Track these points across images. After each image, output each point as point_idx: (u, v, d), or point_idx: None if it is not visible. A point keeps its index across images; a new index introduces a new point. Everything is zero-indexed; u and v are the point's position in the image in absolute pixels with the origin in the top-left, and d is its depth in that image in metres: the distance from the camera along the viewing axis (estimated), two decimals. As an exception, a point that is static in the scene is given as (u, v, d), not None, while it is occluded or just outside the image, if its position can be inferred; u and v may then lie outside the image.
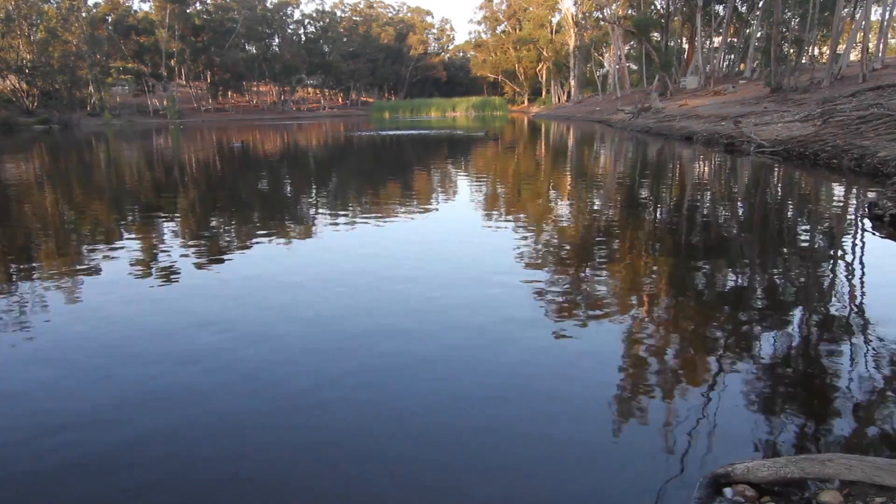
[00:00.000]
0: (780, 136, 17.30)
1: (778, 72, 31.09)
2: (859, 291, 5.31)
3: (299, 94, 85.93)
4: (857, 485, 2.42)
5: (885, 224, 7.50)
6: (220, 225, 9.03)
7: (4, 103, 50.71)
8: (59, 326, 4.63)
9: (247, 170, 18.00)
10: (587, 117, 47.56)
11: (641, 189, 12.14)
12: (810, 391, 3.50)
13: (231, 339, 4.30)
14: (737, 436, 2.98)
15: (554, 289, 5.43)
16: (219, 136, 36.90)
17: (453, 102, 76.08)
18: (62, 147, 29.58)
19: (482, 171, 16.45)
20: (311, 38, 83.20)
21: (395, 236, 7.82)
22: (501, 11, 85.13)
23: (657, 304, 4.98)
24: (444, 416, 3.23)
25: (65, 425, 3.19)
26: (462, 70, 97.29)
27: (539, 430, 3.07)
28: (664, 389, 3.53)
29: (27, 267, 6.58)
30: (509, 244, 7.21)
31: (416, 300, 5.11)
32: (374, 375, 3.70)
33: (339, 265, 6.38)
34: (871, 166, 11.90)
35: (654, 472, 2.69)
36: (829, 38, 34.74)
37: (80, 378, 3.76)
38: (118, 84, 66.09)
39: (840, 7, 30.04)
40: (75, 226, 9.13)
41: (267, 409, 3.33)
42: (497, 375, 3.68)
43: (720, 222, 8.53)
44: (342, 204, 10.97)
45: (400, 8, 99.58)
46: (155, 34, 66.12)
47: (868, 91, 21.47)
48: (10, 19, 50.73)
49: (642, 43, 49.41)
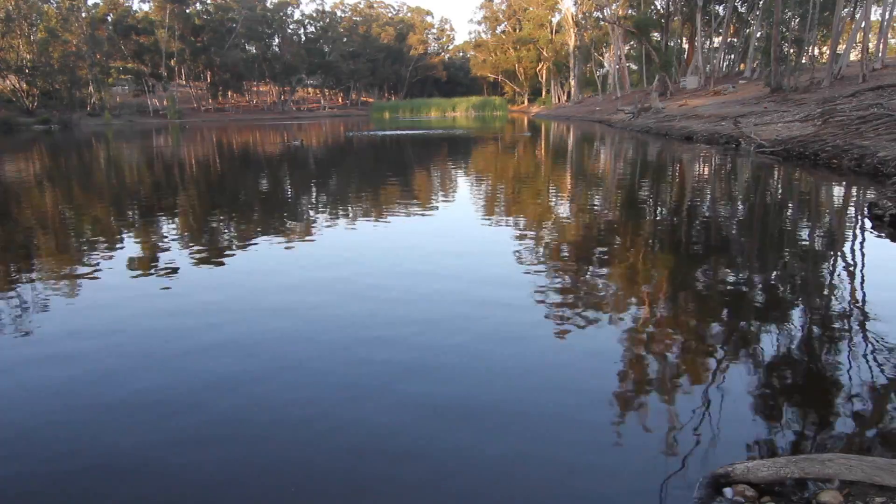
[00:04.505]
0: (780, 136, 17.30)
1: (778, 72, 31.08)
2: (859, 291, 5.31)
3: (299, 94, 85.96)
4: (857, 485, 2.42)
5: (885, 224, 7.50)
6: (219, 224, 9.03)
7: (4, 103, 50.75)
8: (59, 326, 4.62)
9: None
10: (587, 117, 47.55)
11: (641, 189, 12.14)
12: (810, 391, 3.50)
13: (232, 339, 4.31)
14: (737, 436, 2.98)
15: (554, 289, 5.43)
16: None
17: (453, 102, 76.09)
18: (62, 147, 29.57)
19: (482, 170, 16.44)
20: (311, 38, 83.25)
21: (398, 235, 7.83)
22: (501, 11, 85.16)
23: (657, 304, 4.98)
24: (443, 417, 3.23)
25: (66, 424, 3.19)
26: (462, 70, 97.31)
27: (539, 429, 3.07)
28: (664, 389, 3.52)
29: (27, 267, 6.57)
30: (509, 243, 7.20)
31: (416, 300, 5.12)
32: (374, 376, 3.70)
33: (340, 265, 6.38)
34: (871, 166, 11.90)
35: (654, 472, 2.69)
36: (829, 38, 34.71)
37: (83, 378, 3.76)
38: (118, 84, 66.16)
39: (840, 7, 30.02)
40: (90, 225, 9.13)
41: (268, 410, 3.33)
42: (497, 375, 3.68)
43: (720, 222, 8.53)
44: (365, 203, 10.97)
45: (400, 8, 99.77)
46: (155, 34, 66.14)
47: (868, 91, 21.46)
48: (10, 19, 50.75)
49: (642, 43, 49.41)
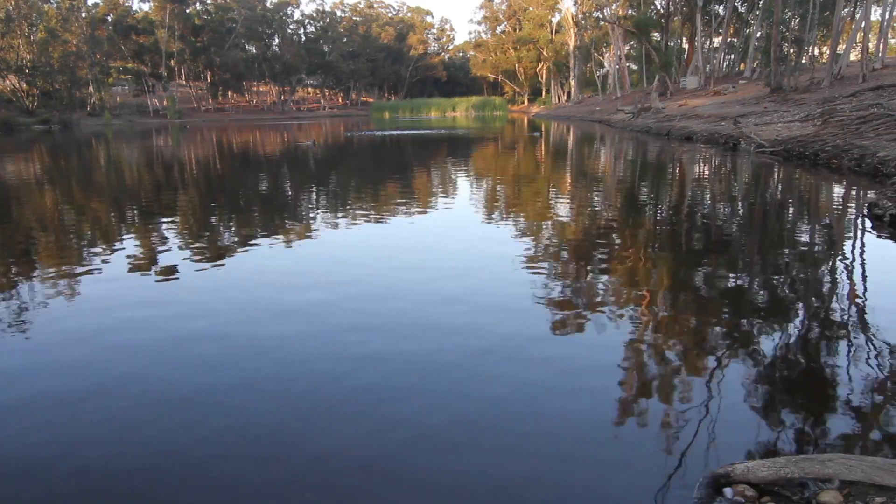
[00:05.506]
0: (780, 136, 17.30)
1: (778, 72, 31.07)
2: (859, 291, 5.31)
3: (299, 94, 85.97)
4: (857, 485, 2.42)
5: (885, 224, 7.50)
6: (221, 224, 9.03)
7: (4, 103, 50.75)
8: (59, 326, 4.62)
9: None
10: (587, 117, 47.55)
11: (641, 189, 12.14)
12: (810, 391, 3.50)
13: (233, 341, 4.31)
14: (737, 436, 2.97)
15: (553, 288, 5.43)
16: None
17: (453, 102, 76.13)
18: (62, 147, 29.57)
19: (482, 170, 16.43)
20: (311, 38, 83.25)
21: (398, 236, 7.83)
22: (501, 11, 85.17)
23: (657, 304, 4.98)
24: (442, 417, 3.23)
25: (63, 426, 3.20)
26: (462, 70, 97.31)
27: (539, 429, 3.07)
28: (664, 389, 3.52)
29: (27, 267, 6.58)
30: (508, 243, 7.20)
31: (416, 300, 5.12)
32: (373, 376, 3.70)
33: (340, 265, 6.38)
34: (871, 166, 11.90)
35: (654, 472, 2.69)
36: (829, 38, 34.72)
37: (77, 384, 3.76)
38: (118, 84, 66.17)
39: (840, 7, 30.02)
40: (90, 224, 9.13)
41: (271, 412, 3.34)
42: (496, 375, 3.68)
43: (720, 222, 8.53)
44: (366, 203, 10.98)
45: (400, 8, 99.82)
46: (155, 34, 66.16)
47: (868, 91, 21.46)
48: (10, 19, 50.76)
49: (642, 43, 49.39)
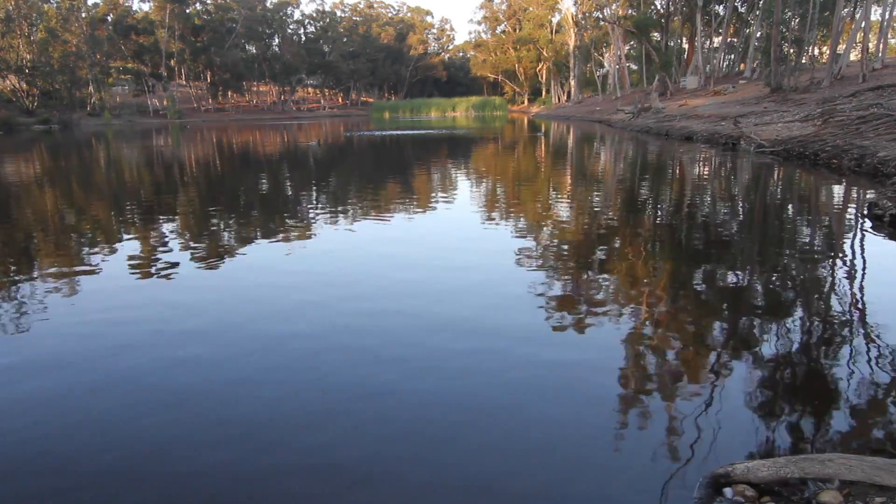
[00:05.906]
0: (780, 136, 17.29)
1: (778, 72, 31.06)
2: (859, 291, 5.31)
3: (299, 94, 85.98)
4: (857, 485, 2.42)
5: (885, 224, 7.50)
6: (223, 224, 9.03)
7: (4, 103, 50.75)
8: (59, 327, 4.62)
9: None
10: (587, 117, 47.55)
11: (641, 189, 12.13)
12: (810, 391, 3.50)
13: (232, 339, 4.31)
14: (737, 436, 2.97)
15: (553, 288, 5.43)
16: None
17: (453, 102, 76.14)
18: (62, 147, 29.57)
19: (482, 170, 16.44)
20: (311, 38, 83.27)
21: (398, 235, 7.84)
22: (501, 11, 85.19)
23: (657, 304, 4.98)
24: (442, 418, 3.23)
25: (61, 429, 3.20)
26: (462, 70, 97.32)
27: (539, 430, 3.07)
28: (664, 389, 3.52)
29: (26, 266, 6.58)
30: (508, 243, 7.20)
31: (416, 300, 5.12)
32: (376, 376, 3.70)
33: (340, 265, 6.38)
34: (871, 166, 11.89)
35: (654, 472, 2.69)
36: (829, 38, 34.72)
37: (76, 382, 3.76)
38: (118, 84, 66.18)
39: (840, 7, 30.01)
40: (90, 224, 9.13)
41: (270, 414, 3.33)
42: (497, 375, 3.68)
43: (720, 222, 8.53)
44: (366, 203, 10.98)
45: (400, 8, 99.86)
46: (155, 34, 66.18)
47: (868, 91, 21.45)
48: (10, 19, 50.77)
49: (642, 43, 49.40)
